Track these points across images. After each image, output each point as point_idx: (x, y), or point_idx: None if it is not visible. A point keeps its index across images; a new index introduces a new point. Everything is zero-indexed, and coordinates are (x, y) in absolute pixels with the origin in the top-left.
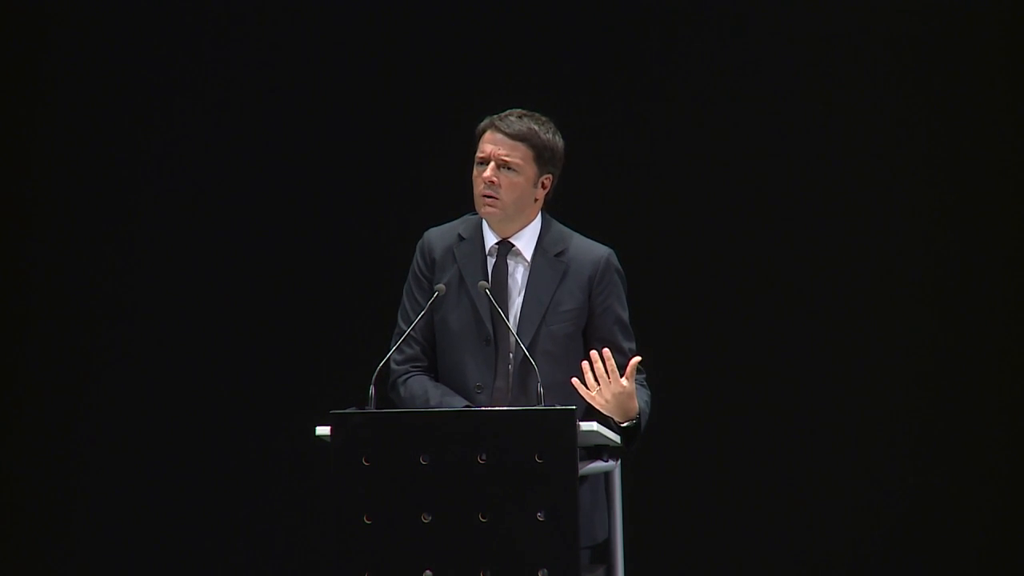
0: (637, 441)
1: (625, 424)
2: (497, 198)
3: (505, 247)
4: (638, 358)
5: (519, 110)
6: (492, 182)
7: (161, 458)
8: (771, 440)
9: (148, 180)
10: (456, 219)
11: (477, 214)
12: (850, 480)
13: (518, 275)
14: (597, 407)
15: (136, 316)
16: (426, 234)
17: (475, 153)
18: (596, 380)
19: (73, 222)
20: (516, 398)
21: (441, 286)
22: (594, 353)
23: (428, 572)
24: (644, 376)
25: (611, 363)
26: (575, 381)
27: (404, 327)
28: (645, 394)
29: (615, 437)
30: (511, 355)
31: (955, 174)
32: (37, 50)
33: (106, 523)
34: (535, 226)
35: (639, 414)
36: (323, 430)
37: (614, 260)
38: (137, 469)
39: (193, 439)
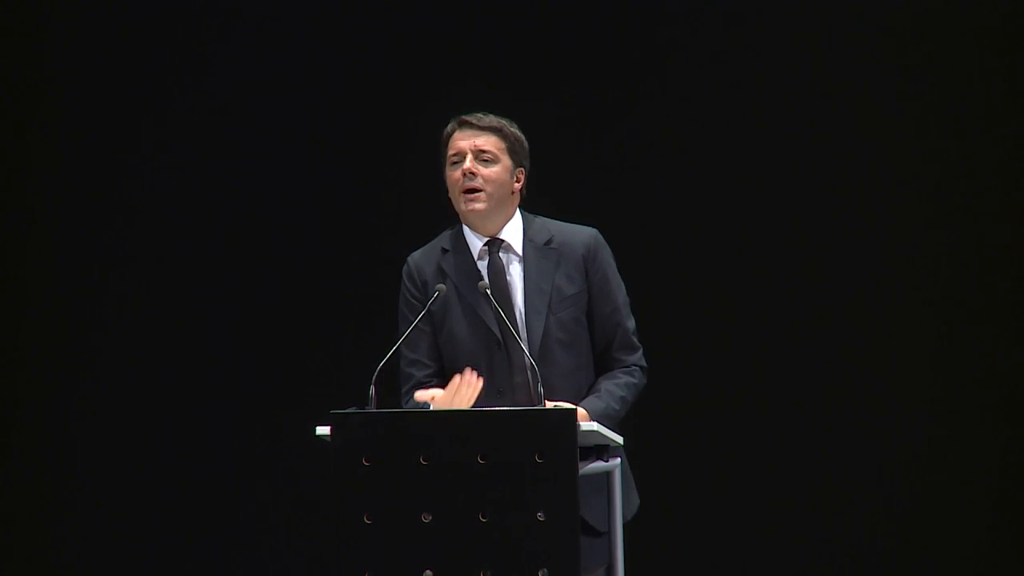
0: None
1: None
2: (480, 190)
3: (495, 244)
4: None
5: (481, 111)
6: (472, 173)
7: (161, 458)
8: (772, 439)
9: (148, 180)
10: (433, 239)
11: (454, 228)
12: (851, 480)
13: (514, 270)
14: None
15: (136, 316)
16: (409, 259)
17: (444, 158)
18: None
19: (72, 221)
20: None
21: (442, 286)
22: None
23: (428, 572)
24: (639, 356)
25: None
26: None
27: (406, 353)
28: (616, 392)
29: (616, 437)
30: (524, 350)
31: (956, 174)
32: (31, 50)
33: (106, 523)
34: (517, 221)
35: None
36: (323, 430)
37: (601, 238)
38: (137, 469)
39: (193, 439)
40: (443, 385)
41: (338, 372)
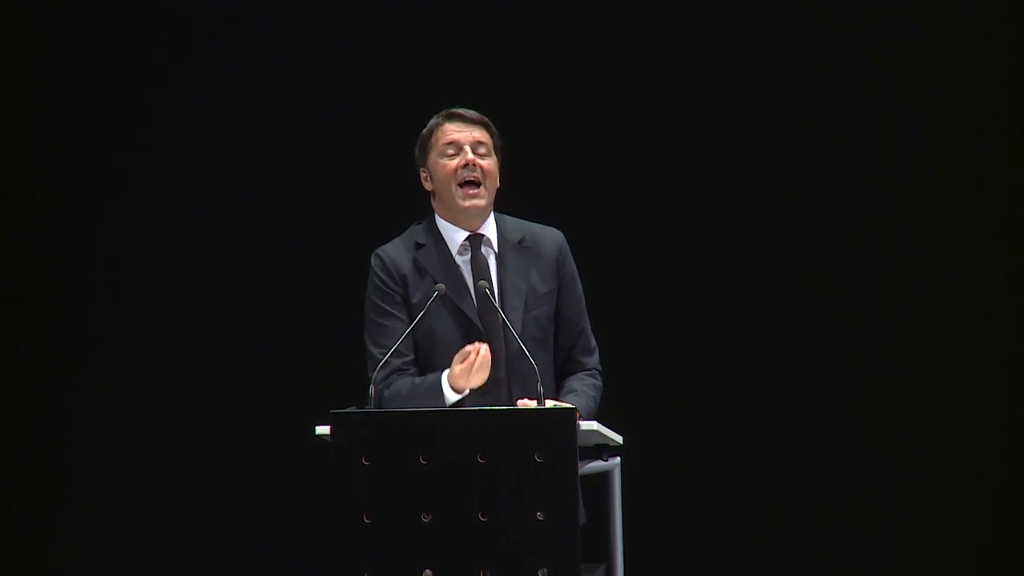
0: None
1: None
2: (481, 184)
3: (477, 239)
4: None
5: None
6: (475, 165)
7: (161, 458)
8: (772, 440)
9: (148, 179)
10: (401, 234)
11: (424, 222)
12: (851, 481)
13: (493, 266)
14: None
15: (136, 316)
16: (380, 252)
17: (430, 150)
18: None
19: (72, 221)
20: (514, 387)
21: (441, 285)
22: None
23: (428, 572)
24: (596, 359)
25: None
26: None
27: (384, 342)
28: (590, 392)
29: (616, 437)
30: (504, 347)
31: (955, 174)
32: (29, 51)
33: (106, 523)
34: (492, 217)
35: None
36: (323, 430)
37: (565, 240)
38: (137, 469)
39: (193, 439)
40: (420, 374)
41: (338, 372)
